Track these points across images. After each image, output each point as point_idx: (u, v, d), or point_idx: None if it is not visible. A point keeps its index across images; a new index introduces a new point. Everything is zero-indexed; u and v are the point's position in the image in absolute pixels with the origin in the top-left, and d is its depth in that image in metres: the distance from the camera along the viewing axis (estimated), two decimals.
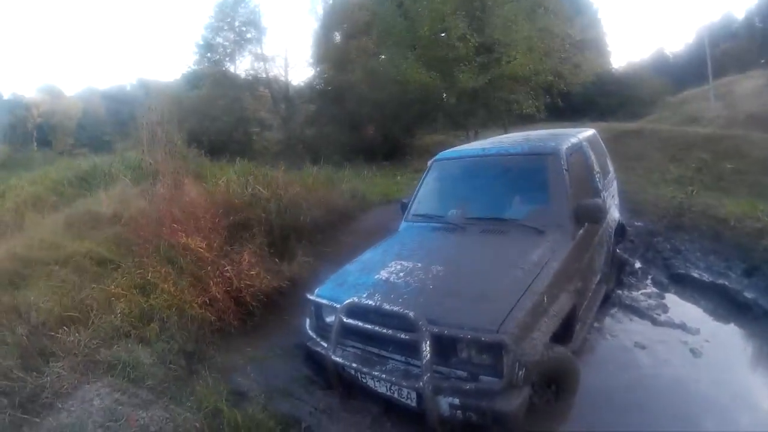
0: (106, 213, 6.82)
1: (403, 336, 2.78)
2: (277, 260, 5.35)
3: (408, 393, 2.81)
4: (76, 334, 3.64)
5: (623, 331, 4.47)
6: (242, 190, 6.76)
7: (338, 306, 3.11)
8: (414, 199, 4.70)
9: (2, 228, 7.05)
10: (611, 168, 5.83)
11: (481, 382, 2.64)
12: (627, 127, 16.79)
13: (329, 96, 22.08)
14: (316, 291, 3.48)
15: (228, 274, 4.50)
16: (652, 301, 5.13)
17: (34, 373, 3.21)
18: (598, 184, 4.58)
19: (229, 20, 23.57)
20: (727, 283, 5.45)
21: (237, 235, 5.51)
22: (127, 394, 3.08)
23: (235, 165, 10.35)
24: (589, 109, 22.22)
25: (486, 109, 15.00)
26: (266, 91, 23.81)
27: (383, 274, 3.36)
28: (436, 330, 2.68)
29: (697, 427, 3.09)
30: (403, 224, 4.55)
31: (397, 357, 2.92)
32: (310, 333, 3.42)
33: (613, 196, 5.42)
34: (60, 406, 2.96)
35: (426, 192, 4.73)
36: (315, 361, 3.40)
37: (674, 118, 20.66)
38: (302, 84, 24.56)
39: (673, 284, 5.62)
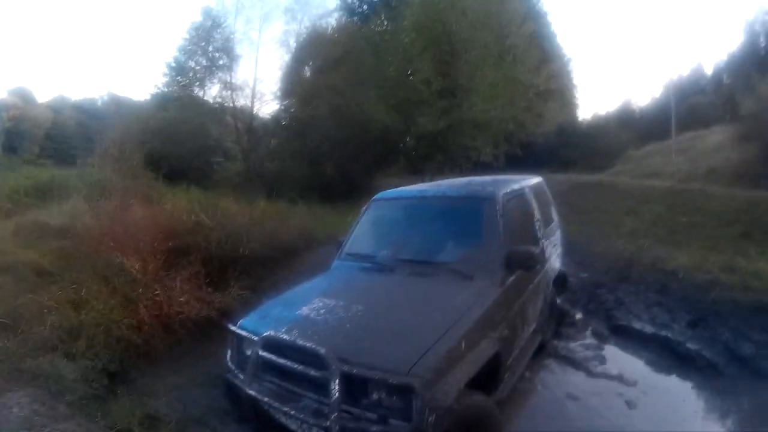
0: (55, 225, 6.92)
1: (313, 373, 2.75)
2: (210, 290, 5.34)
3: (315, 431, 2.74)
4: (6, 341, 3.67)
5: (556, 382, 4.47)
6: (186, 216, 6.77)
7: (256, 338, 3.09)
8: (348, 238, 4.67)
9: None
10: (555, 217, 5.91)
11: (390, 425, 2.54)
12: (586, 180, 17.05)
13: (293, 130, 22.24)
14: (239, 323, 3.42)
15: (159, 299, 4.50)
16: (589, 353, 5.11)
17: None
18: (538, 232, 4.68)
19: (203, 44, 23.70)
20: (669, 334, 5.48)
21: (174, 261, 5.51)
22: (46, 406, 3.06)
23: (188, 192, 10.38)
24: (551, 159, 22.11)
25: (444, 154, 15.13)
26: (231, 120, 23.81)
27: (305, 310, 3.32)
28: (346, 369, 2.62)
29: None
30: (335, 262, 4.50)
31: (311, 395, 2.85)
32: (230, 365, 3.35)
33: (554, 245, 5.45)
34: None
35: (361, 231, 4.72)
36: (233, 393, 3.28)
37: (636, 171, 20.80)
38: (268, 116, 24.75)
39: (614, 336, 5.63)
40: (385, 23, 17.57)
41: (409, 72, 14.20)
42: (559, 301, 5.73)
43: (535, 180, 5.53)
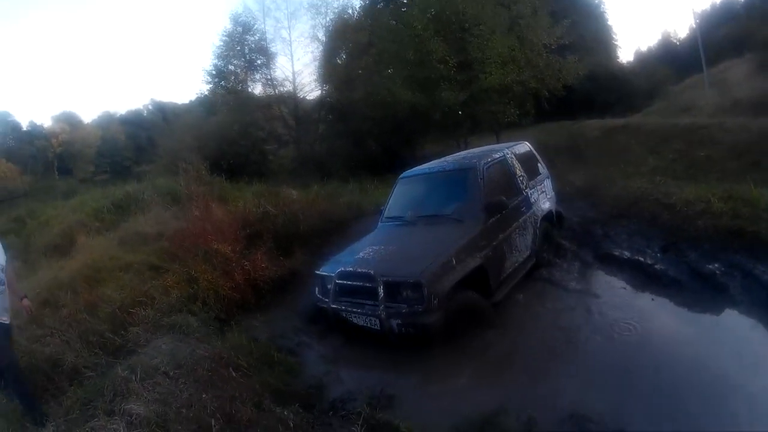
0: (151, 232, 8.63)
1: (368, 285, 4.68)
2: (282, 258, 7.08)
3: (374, 321, 4.65)
4: (147, 310, 5.45)
5: (538, 295, 5.81)
6: (255, 209, 8.61)
7: (333, 274, 5.06)
8: (386, 207, 6.71)
9: (57, 249, 8.89)
10: (543, 170, 7.24)
11: (413, 308, 4.42)
12: (615, 123, 17.36)
13: (335, 114, 23.52)
14: (321, 268, 5.47)
15: (247, 268, 6.34)
16: (571, 275, 6.26)
17: (121, 332, 5.03)
18: (521, 185, 6.36)
19: (238, 48, 24.70)
20: (641, 258, 6.35)
21: (252, 242, 7.32)
22: (183, 342, 4.76)
23: (252, 186, 12.12)
24: (586, 106, 22.55)
25: (470, 121, 16.27)
26: (278, 112, 24.99)
27: (361, 254, 5.31)
28: (385, 279, 4.59)
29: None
30: (379, 224, 6.53)
31: (368, 302, 4.73)
32: (318, 296, 5.37)
33: (542, 192, 6.92)
34: (139, 351, 4.64)
35: (393, 201, 6.71)
36: (322, 312, 5.31)
37: (669, 108, 21.08)
38: (311, 104, 25.62)
39: (597, 262, 6.57)
40: (404, 8, 18.29)
41: (427, 54, 14.98)
42: (554, 235, 7.00)
43: (518, 146, 7.11)
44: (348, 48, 23.77)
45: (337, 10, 24.68)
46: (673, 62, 31.23)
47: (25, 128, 51.62)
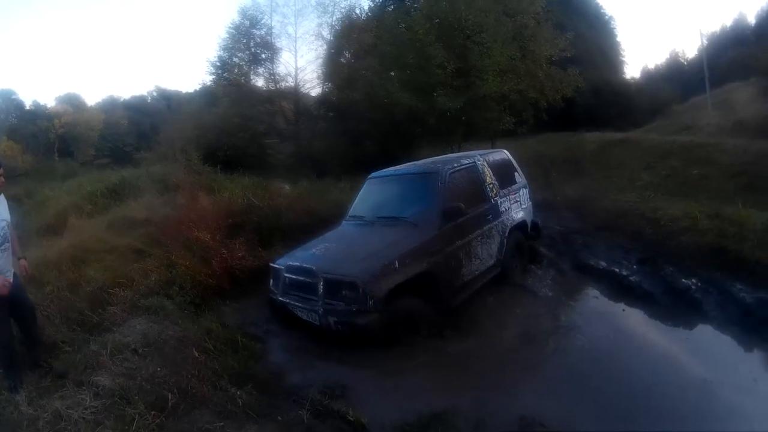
0: (139, 217, 8.81)
1: (310, 281, 4.81)
2: (261, 249, 7.21)
3: (314, 316, 4.79)
4: (125, 291, 5.64)
5: (503, 301, 5.85)
6: (240, 200, 8.77)
7: (283, 267, 5.21)
8: (351, 206, 6.77)
9: (51, 230, 9.02)
10: (520, 180, 7.13)
11: (350, 307, 4.51)
12: (614, 137, 17.39)
13: (335, 113, 23.55)
14: (276, 261, 5.58)
15: (225, 256, 6.45)
16: (544, 282, 6.46)
17: (99, 311, 5.21)
18: (489, 193, 6.30)
19: (244, 41, 25.08)
20: (617, 269, 6.57)
21: (234, 231, 7.44)
22: (157, 323, 4.96)
23: (244, 179, 12.27)
24: (589, 119, 22.26)
25: (465, 127, 16.10)
26: (279, 106, 25.26)
27: (313, 250, 5.48)
28: (326, 276, 4.72)
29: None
30: (342, 222, 6.54)
31: (312, 298, 4.85)
32: (272, 288, 5.48)
33: (516, 202, 6.83)
34: (114, 330, 4.84)
35: (359, 200, 6.77)
36: (272, 304, 5.49)
37: (671, 126, 21.04)
38: (312, 102, 25.86)
39: (574, 271, 6.78)
40: (412, 11, 18.35)
41: (426, 59, 14.96)
42: (529, 244, 7.08)
43: (494, 154, 7.18)
44: (353, 48, 23.89)
45: (345, 10, 24.98)
46: (679, 82, 31.48)
47: (28, 107, 51.06)
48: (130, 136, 51.79)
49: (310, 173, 16.66)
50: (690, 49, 51.31)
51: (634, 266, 6.69)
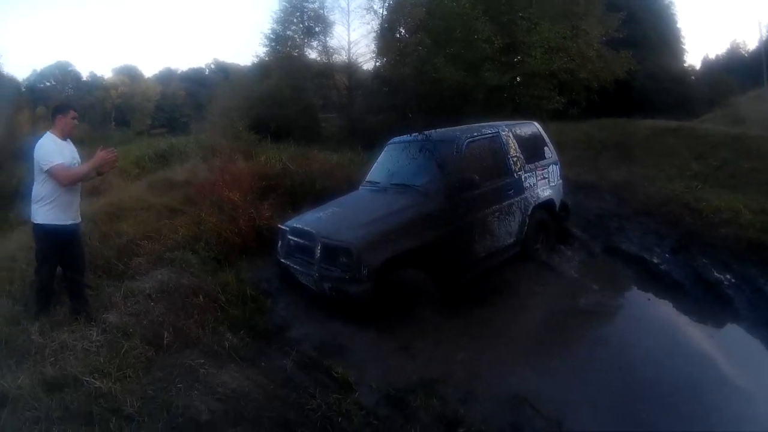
0: (179, 179, 9.17)
1: (309, 244, 4.83)
2: (291, 211, 7.21)
3: (310, 280, 4.83)
4: (153, 245, 5.89)
5: (523, 278, 5.67)
6: (276, 164, 8.96)
7: (288, 229, 5.25)
8: (369, 171, 6.60)
9: (95, 191, 9.22)
10: (550, 155, 6.71)
11: (343, 274, 4.41)
12: (668, 125, 17.05)
13: (387, 87, 22.92)
14: (285, 223, 5.61)
15: (252, 215, 6.61)
16: (571, 264, 6.21)
17: (125, 260, 5.46)
18: (512, 167, 5.98)
19: (298, 14, 24.72)
20: (647, 256, 6.36)
21: (266, 194, 7.62)
22: (178, 275, 5.16)
23: (289, 147, 12.41)
24: (645, 105, 21.71)
25: (514, 104, 15.78)
26: (332, 80, 24.98)
27: (319, 214, 5.47)
28: (323, 240, 4.65)
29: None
30: (360, 188, 6.38)
31: (311, 261, 4.81)
32: (278, 249, 5.53)
33: (544, 179, 6.46)
34: (138, 278, 5.09)
35: (376, 166, 6.59)
36: (278, 265, 5.56)
37: (726, 118, 19.51)
38: (365, 75, 25.56)
39: (604, 254, 6.58)
40: None
41: (472, 32, 14.85)
42: (560, 224, 6.87)
43: (522, 126, 6.74)
44: (406, 23, 23.62)
45: None
46: (739, 73, 29.98)
47: (85, 78, 52.24)
48: (186, 108, 52.36)
49: (357, 145, 16.63)
50: (752, 40, 48.80)
51: (667, 254, 6.45)
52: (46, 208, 4.08)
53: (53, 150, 4.10)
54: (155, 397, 2.78)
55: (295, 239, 5.09)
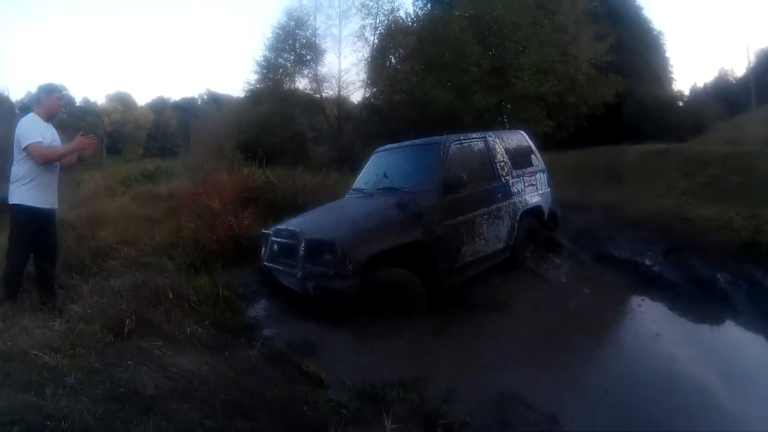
0: (162, 193, 9.21)
1: (292, 242, 4.73)
2: (271, 222, 7.06)
3: (293, 281, 4.70)
4: (131, 249, 5.83)
5: (509, 283, 5.69)
6: (259, 177, 8.95)
7: (271, 232, 5.22)
8: (355, 179, 6.65)
9: (81, 204, 9.19)
10: (537, 163, 6.87)
11: (327, 271, 4.28)
12: (655, 148, 17.27)
13: (377, 116, 23.20)
14: (270, 228, 5.56)
15: (231, 224, 6.55)
16: (559, 270, 6.18)
17: (99, 262, 5.35)
18: (499, 171, 6.03)
19: (290, 42, 24.83)
20: (639, 260, 6.31)
21: (247, 204, 7.57)
22: (152, 277, 4.97)
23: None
24: (634, 133, 22.18)
25: (501, 126, 15.79)
26: (322, 107, 25.08)
27: (305, 217, 5.48)
28: (307, 238, 4.56)
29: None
30: (346, 195, 6.37)
31: (294, 263, 4.69)
32: (262, 255, 5.42)
33: (532, 185, 6.54)
34: (110, 280, 4.92)
35: (363, 174, 6.59)
36: (262, 268, 5.46)
37: (713, 141, 20.48)
38: (354, 104, 25.82)
39: (594, 262, 6.53)
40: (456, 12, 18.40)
41: (462, 56, 14.84)
42: (546, 232, 6.91)
43: (509, 133, 7.04)
44: (397, 52, 23.89)
45: (389, 13, 24.85)
46: (726, 99, 30.11)
47: (78, 103, 51.99)
48: (178, 137, 51.84)
49: (344, 168, 16.60)
50: (739, 67, 50.04)
51: (659, 258, 6.41)
52: (24, 189, 4.07)
53: (34, 129, 4.11)
54: (101, 371, 2.63)
55: (279, 240, 5.03)
